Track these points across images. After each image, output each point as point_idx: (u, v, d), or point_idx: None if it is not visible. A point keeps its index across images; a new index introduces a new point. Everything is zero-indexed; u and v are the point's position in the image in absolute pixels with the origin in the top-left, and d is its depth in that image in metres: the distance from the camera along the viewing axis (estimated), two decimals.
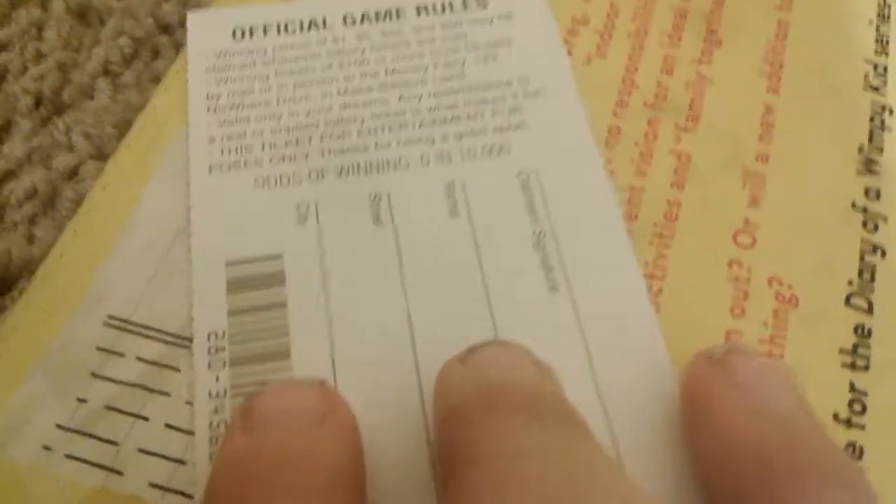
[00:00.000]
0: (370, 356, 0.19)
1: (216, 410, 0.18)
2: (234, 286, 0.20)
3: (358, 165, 0.22)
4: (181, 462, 0.18)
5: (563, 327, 0.19)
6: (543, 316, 0.19)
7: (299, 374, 0.18)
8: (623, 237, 0.20)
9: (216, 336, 0.19)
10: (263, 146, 0.22)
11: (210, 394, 0.18)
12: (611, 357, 0.18)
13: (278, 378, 0.18)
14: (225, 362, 0.19)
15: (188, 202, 0.21)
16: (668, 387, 0.18)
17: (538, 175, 0.21)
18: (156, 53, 0.26)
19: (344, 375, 0.18)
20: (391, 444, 0.17)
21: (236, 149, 0.22)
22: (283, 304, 0.19)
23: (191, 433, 0.18)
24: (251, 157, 0.22)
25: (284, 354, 0.19)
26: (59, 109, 0.25)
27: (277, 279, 0.20)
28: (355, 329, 0.19)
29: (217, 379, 0.18)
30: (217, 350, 0.19)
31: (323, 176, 0.21)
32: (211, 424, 0.18)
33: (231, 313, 0.19)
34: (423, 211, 0.21)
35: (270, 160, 0.22)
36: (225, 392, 0.18)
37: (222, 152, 0.22)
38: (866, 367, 0.18)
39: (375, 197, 0.21)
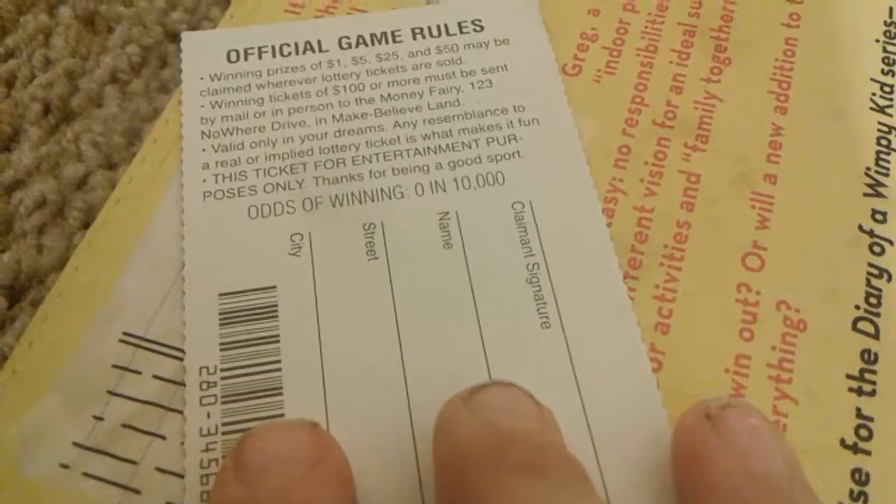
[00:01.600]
0: (362, 392, 0.19)
1: (207, 449, 0.18)
2: (227, 319, 0.20)
3: (352, 194, 0.21)
4: None
5: (554, 365, 0.19)
6: (535, 353, 0.19)
7: (291, 411, 0.18)
8: (615, 272, 0.20)
9: (208, 371, 0.19)
10: (258, 173, 0.22)
11: (201, 431, 0.18)
12: (602, 397, 0.18)
13: (270, 416, 0.18)
14: (217, 398, 0.19)
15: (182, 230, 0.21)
16: (659, 429, 0.18)
17: (532, 206, 0.21)
18: (164, 62, 0.26)
19: (336, 412, 0.18)
20: (383, 485, 0.17)
21: (230, 176, 0.22)
22: (276, 338, 0.19)
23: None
24: (245, 184, 0.22)
25: (276, 391, 0.19)
26: (68, 117, 0.25)
27: (270, 312, 0.20)
28: (347, 364, 0.19)
29: (208, 416, 0.18)
30: (209, 385, 0.19)
31: (317, 205, 0.21)
32: (202, 463, 0.18)
33: (223, 347, 0.19)
34: (417, 242, 0.21)
35: (265, 188, 0.22)
36: (216, 429, 0.18)
37: (216, 179, 0.22)
38: (873, 393, 0.19)
39: (369, 227, 0.21)
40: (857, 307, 0.20)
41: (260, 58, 0.24)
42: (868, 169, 0.22)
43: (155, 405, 0.19)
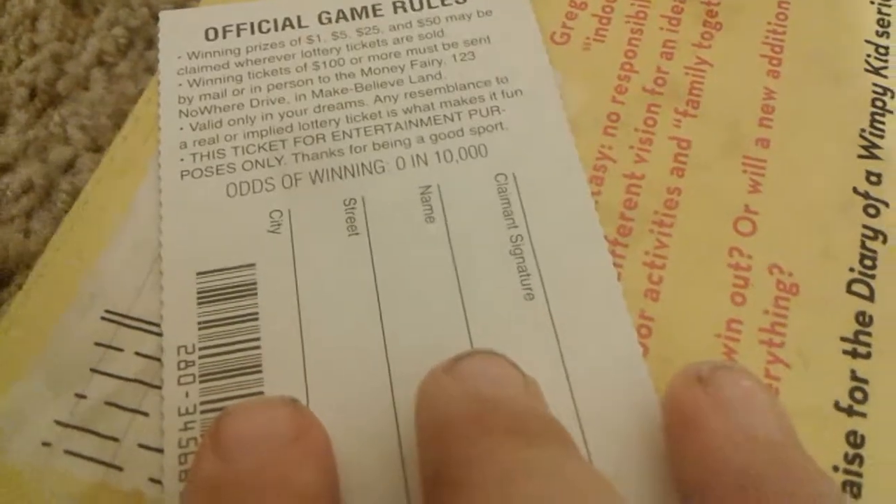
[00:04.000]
0: (343, 368, 0.18)
1: (185, 427, 0.18)
2: (205, 297, 0.19)
3: (332, 170, 0.21)
4: None
5: (539, 337, 0.19)
6: (520, 325, 0.19)
7: (271, 388, 0.18)
8: (601, 243, 0.20)
9: (186, 350, 0.19)
10: (236, 151, 0.22)
11: (179, 410, 0.18)
12: (587, 368, 0.18)
13: (249, 394, 0.18)
14: (195, 377, 0.18)
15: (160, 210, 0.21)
16: (645, 398, 0.18)
17: (515, 178, 0.21)
18: (150, 43, 0.26)
19: (316, 388, 0.18)
20: (365, 462, 0.17)
21: (209, 154, 0.21)
22: (255, 316, 0.19)
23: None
24: (224, 162, 0.21)
25: (256, 368, 0.18)
26: (54, 101, 0.25)
27: (249, 290, 0.19)
28: (328, 341, 0.19)
29: (186, 395, 0.18)
30: (187, 364, 0.18)
31: (297, 182, 0.21)
32: (180, 442, 0.18)
33: (201, 326, 0.19)
34: (399, 217, 0.20)
35: (244, 166, 0.21)
36: (195, 408, 0.18)
37: (194, 158, 0.21)
38: (868, 355, 0.18)
39: (350, 203, 0.21)
40: (852, 269, 0.20)
41: (238, 35, 0.24)
42: (863, 130, 0.22)
43: (137, 382, 0.18)
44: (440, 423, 0.15)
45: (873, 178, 0.21)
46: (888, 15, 0.24)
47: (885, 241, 0.20)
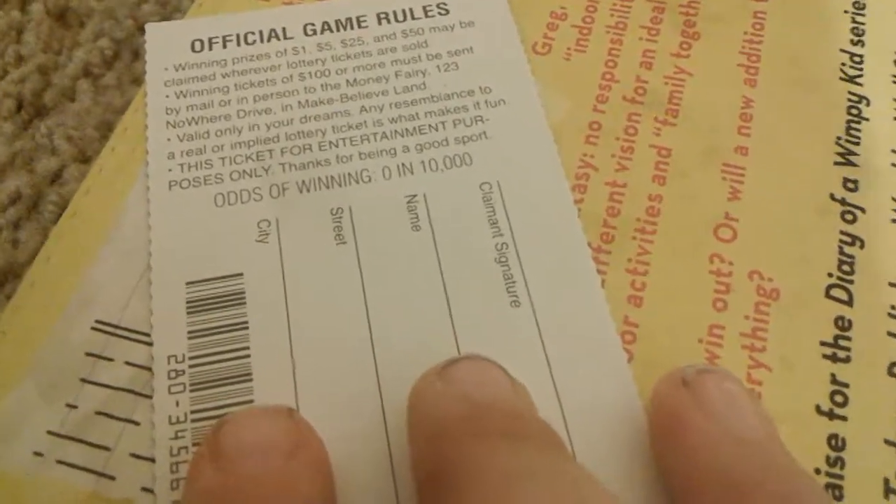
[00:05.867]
0: (332, 376, 0.19)
1: (177, 436, 0.18)
2: (195, 307, 0.19)
3: (319, 180, 0.21)
4: None
5: (525, 343, 0.19)
6: (506, 332, 0.19)
7: (261, 397, 0.18)
8: (584, 250, 0.20)
9: (176, 359, 0.19)
10: (224, 161, 0.22)
11: (170, 419, 0.18)
12: (573, 374, 0.19)
13: (240, 403, 0.18)
14: (185, 386, 0.18)
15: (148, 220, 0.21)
16: (630, 403, 0.18)
17: (500, 186, 0.21)
18: (136, 55, 0.26)
19: (306, 396, 0.18)
20: (355, 467, 0.17)
21: (196, 164, 0.22)
22: (245, 325, 0.19)
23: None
24: (211, 172, 0.22)
25: (246, 377, 0.19)
26: (41, 112, 0.25)
27: (238, 299, 0.20)
28: (317, 349, 0.19)
29: (177, 404, 0.18)
30: (177, 374, 0.19)
31: (284, 191, 0.21)
32: (172, 451, 0.18)
33: (191, 335, 0.19)
34: (385, 225, 0.21)
35: (231, 176, 0.21)
36: (186, 417, 0.18)
37: (182, 168, 0.22)
38: (847, 359, 0.19)
39: (337, 212, 0.21)
40: (830, 275, 0.20)
41: (224, 47, 0.24)
42: (839, 138, 0.22)
43: (128, 391, 0.19)
44: (434, 426, 0.16)
45: (850, 185, 0.21)
46: (862, 24, 0.24)
47: (862, 247, 0.20)
